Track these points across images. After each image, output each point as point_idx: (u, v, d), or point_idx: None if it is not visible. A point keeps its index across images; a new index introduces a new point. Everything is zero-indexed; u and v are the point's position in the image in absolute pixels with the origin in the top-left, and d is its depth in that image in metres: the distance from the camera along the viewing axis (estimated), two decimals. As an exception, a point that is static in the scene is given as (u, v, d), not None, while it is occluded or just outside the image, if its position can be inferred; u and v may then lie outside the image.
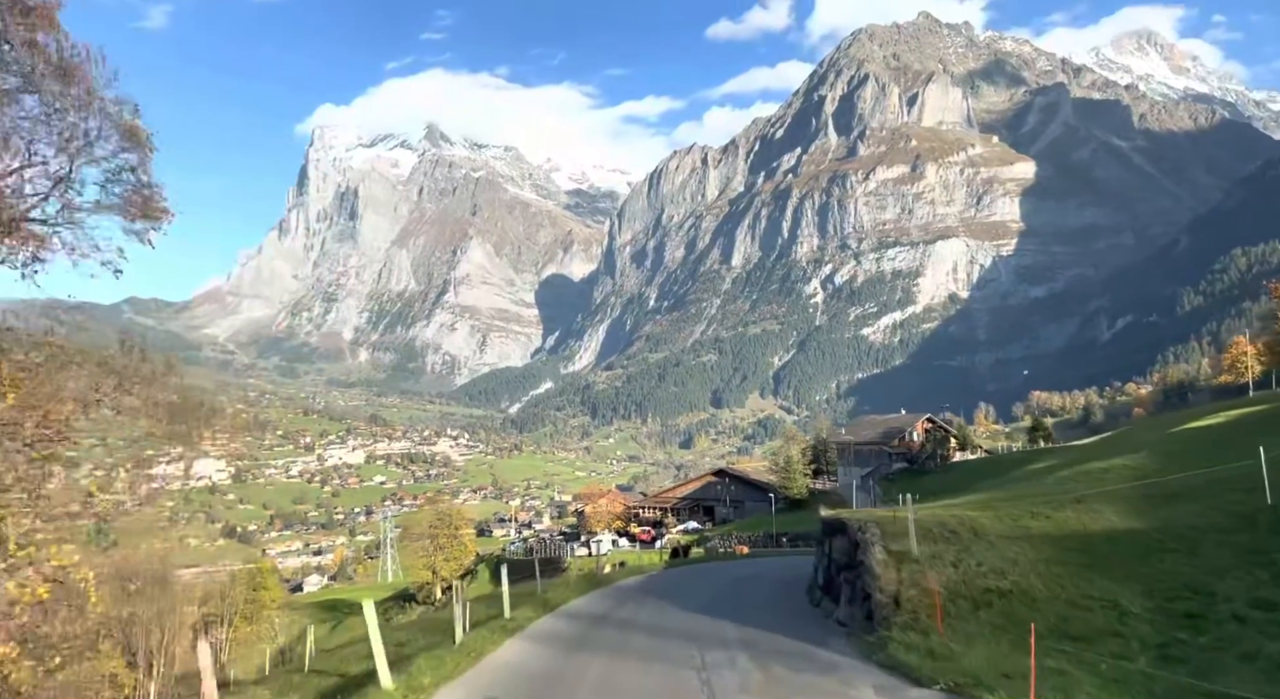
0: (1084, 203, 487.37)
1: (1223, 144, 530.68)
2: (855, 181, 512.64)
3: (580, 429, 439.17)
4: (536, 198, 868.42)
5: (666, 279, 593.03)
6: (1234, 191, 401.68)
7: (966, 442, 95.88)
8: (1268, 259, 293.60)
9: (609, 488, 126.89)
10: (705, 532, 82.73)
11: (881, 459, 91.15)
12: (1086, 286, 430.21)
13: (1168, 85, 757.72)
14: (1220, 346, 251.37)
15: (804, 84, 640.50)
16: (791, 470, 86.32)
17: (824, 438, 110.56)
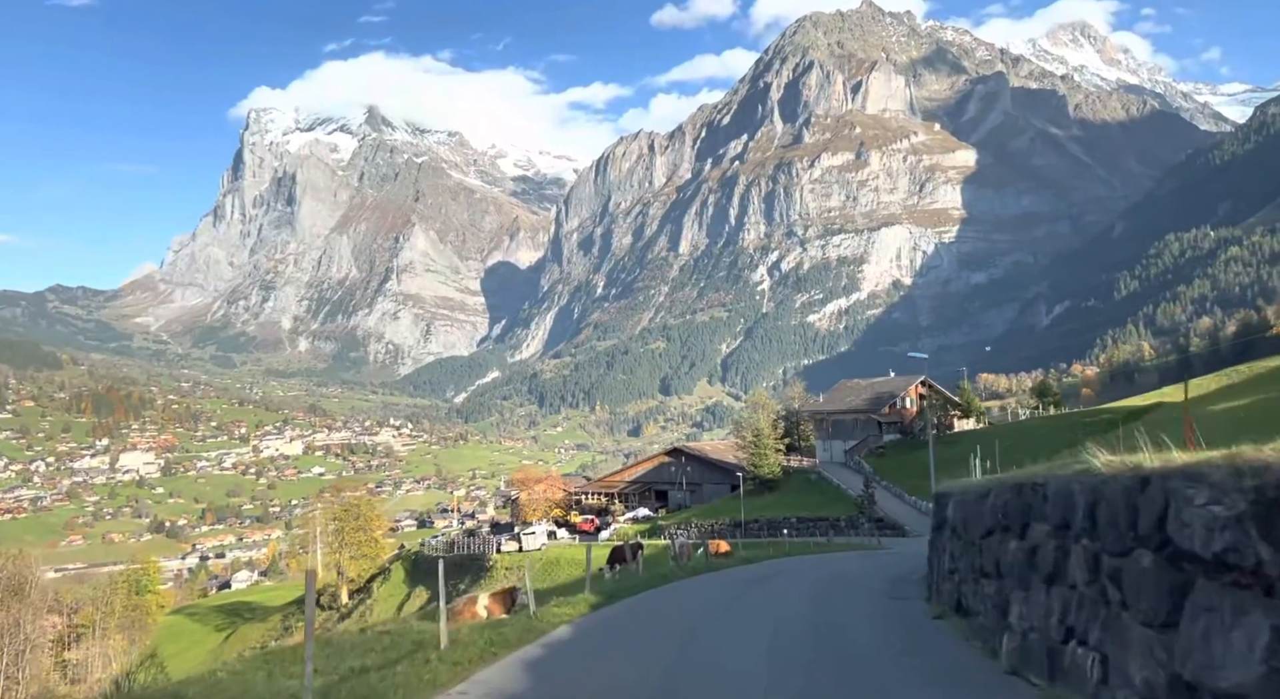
0: (1022, 190, 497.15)
1: (1153, 134, 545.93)
2: (801, 169, 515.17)
3: (528, 418, 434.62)
4: (482, 184, 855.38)
5: (614, 266, 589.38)
6: (1165, 180, 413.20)
7: (970, 408, 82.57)
8: (1199, 244, 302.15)
9: (548, 472, 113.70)
10: (658, 519, 74.29)
11: (868, 430, 79.53)
12: (1026, 273, 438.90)
13: (1101, 76, 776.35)
14: (1156, 329, 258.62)
15: (750, 71, 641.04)
16: (762, 445, 72.55)
17: (797, 408, 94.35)
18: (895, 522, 53.55)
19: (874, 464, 69.56)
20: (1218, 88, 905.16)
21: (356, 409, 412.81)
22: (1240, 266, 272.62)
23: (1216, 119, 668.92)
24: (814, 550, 40.24)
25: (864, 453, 74.94)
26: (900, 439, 76.17)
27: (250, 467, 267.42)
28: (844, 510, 58.12)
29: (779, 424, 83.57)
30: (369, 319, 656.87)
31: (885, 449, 74.64)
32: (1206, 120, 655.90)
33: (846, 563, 28.99)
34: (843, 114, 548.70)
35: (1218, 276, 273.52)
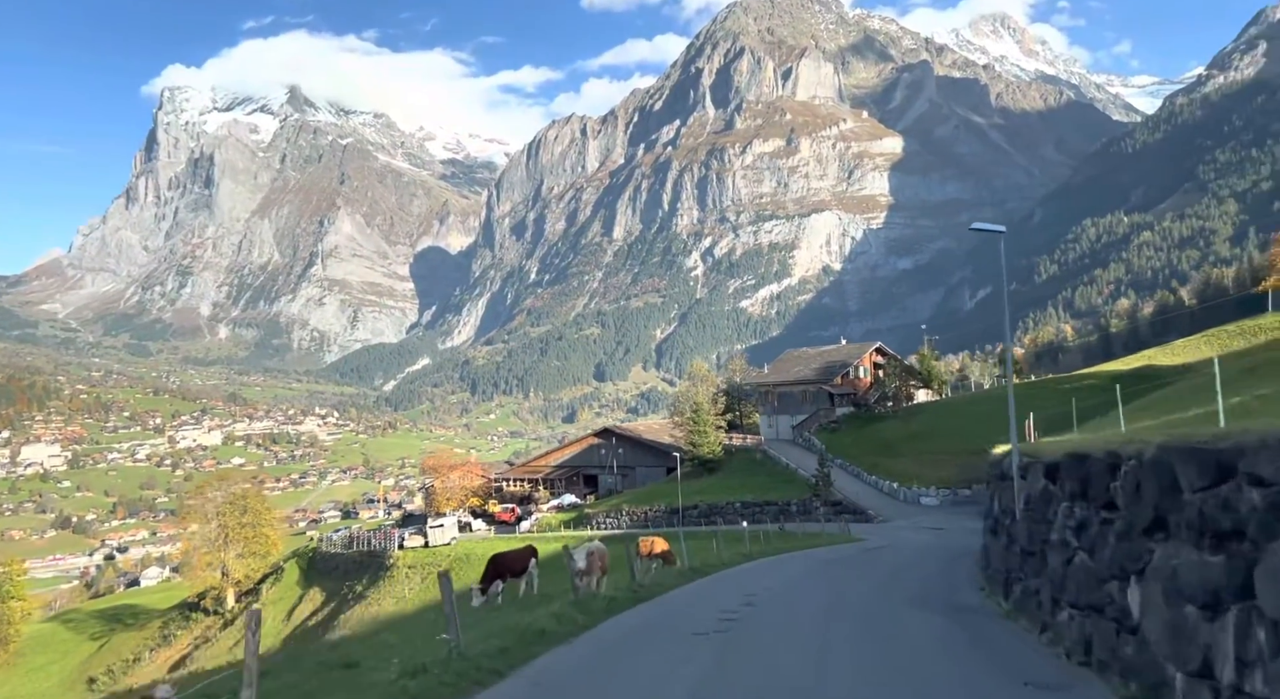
0: (947, 177, 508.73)
1: (1069, 123, 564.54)
2: (733, 155, 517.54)
3: (460, 405, 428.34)
4: (409, 167, 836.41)
5: (548, 252, 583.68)
6: (1081, 168, 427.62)
7: (931, 377, 75.70)
8: (1114, 230, 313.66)
9: (465, 457, 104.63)
10: (585, 507, 69.66)
11: (819, 403, 72.65)
12: (950, 258, 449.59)
13: (1020, 67, 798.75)
14: (1075, 312, 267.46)
15: (681, 56, 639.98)
16: (701, 421, 66.01)
17: (738, 382, 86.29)
18: (856, 505, 49.04)
19: (826, 440, 63.80)
20: (1128, 80, 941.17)
21: (280, 398, 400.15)
22: (1152, 251, 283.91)
23: (1128, 110, 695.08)
24: (780, 545, 33.57)
25: (814, 428, 68.96)
26: (855, 412, 69.44)
27: (165, 458, 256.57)
28: (795, 493, 53.40)
29: (719, 399, 77.86)
30: (293, 305, 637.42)
31: (839, 423, 68.01)
32: (1118, 111, 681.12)
33: (847, 575, 20.58)
34: (773, 100, 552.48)
35: (1131, 261, 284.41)
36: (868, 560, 23.81)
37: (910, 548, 27.88)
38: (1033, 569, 11.01)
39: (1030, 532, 10.95)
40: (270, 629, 53.49)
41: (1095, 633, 8.38)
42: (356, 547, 62.34)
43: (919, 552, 25.81)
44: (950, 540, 30.20)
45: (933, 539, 31.87)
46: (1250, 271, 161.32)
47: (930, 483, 48.48)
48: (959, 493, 46.94)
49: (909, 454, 54.04)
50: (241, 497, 63.13)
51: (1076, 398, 50.04)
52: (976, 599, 14.20)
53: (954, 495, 47.05)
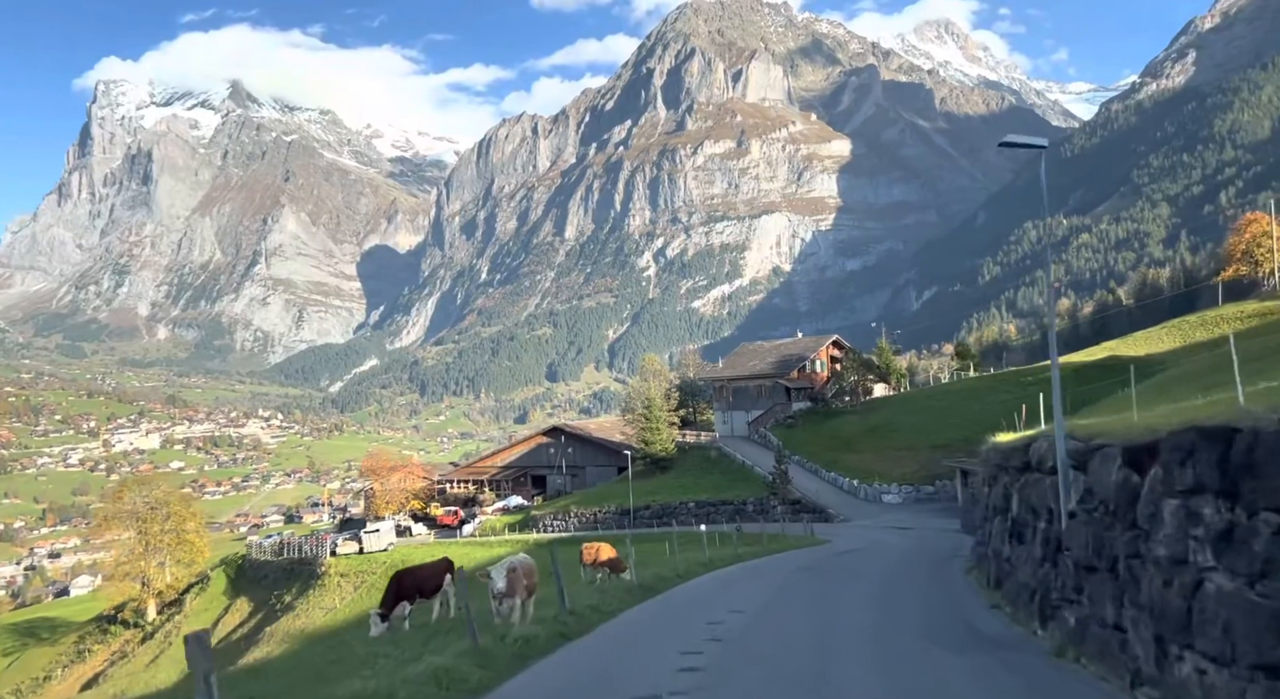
0: (894, 180, 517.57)
1: (1011, 127, 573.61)
2: (685, 155, 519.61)
3: (409, 407, 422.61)
4: (357, 165, 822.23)
5: (499, 251, 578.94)
6: (1022, 171, 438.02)
7: (889, 371, 72.89)
8: (1054, 231, 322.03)
9: (406, 458, 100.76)
10: (532, 508, 67.18)
11: (775, 397, 70.06)
12: (897, 260, 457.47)
13: (963, 72, 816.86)
14: (1017, 311, 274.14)
15: (632, 56, 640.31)
16: (653, 418, 63.50)
17: (692, 377, 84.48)
18: (816, 503, 47.09)
19: (783, 436, 61.35)
20: (1066, 86, 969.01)
21: (222, 400, 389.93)
22: (1090, 252, 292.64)
23: (1066, 115, 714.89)
24: (741, 550, 29.78)
25: (771, 424, 66.84)
26: (812, 407, 66.97)
27: (100, 463, 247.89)
28: (752, 491, 51.42)
29: (673, 394, 76.01)
30: (235, 305, 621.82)
31: (795, 419, 65.70)
32: (1057, 116, 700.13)
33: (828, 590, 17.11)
34: (724, 102, 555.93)
35: (1071, 262, 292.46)
36: (845, 569, 20.89)
37: (884, 552, 25.77)
38: (1102, 593, 8.06)
39: (1096, 540, 8.12)
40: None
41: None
42: (287, 554, 58.84)
43: (897, 557, 23.84)
44: (923, 542, 28.83)
45: (904, 541, 30.31)
46: (1184, 272, 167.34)
47: (891, 480, 47.39)
48: (921, 490, 46.09)
49: (869, 450, 52.77)
50: (164, 501, 59.32)
51: (1040, 388, 50.34)
52: (1000, 625, 11.65)
53: (916, 493, 46.09)
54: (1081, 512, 8.75)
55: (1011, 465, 11.74)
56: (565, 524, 58.39)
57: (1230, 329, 47.48)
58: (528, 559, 15.29)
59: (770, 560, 25.37)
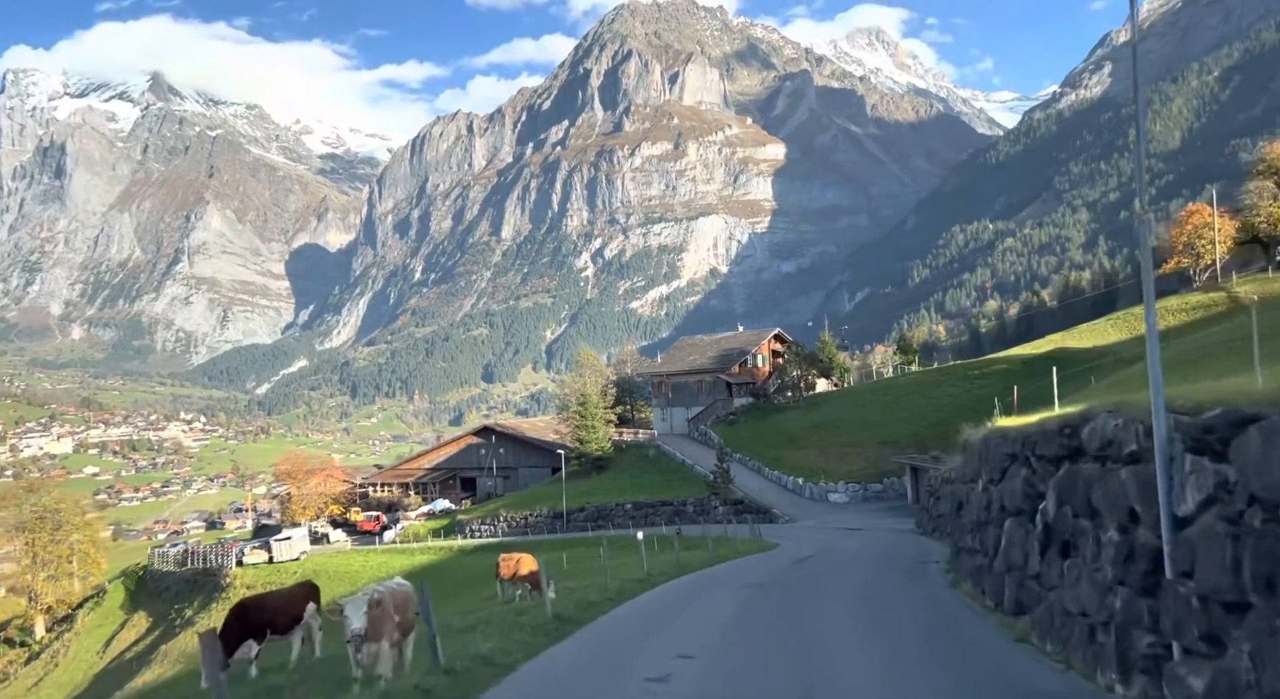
0: (827, 184, 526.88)
1: (938, 135, 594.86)
2: (622, 157, 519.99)
3: (339, 409, 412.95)
4: (285, 161, 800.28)
5: (433, 250, 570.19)
6: (950, 177, 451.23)
7: (833, 366, 69.29)
8: (980, 236, 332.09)
9: (326, 460, 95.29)
10: (459, 513, 64.08)
11: (716, 393, 67.47)
12: (830, 262, 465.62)
13: (893, 79, 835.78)
14: (946, 313, 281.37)
15: (569, 56, 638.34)
16: (589, 415, 60.58)
17: (630, 374, 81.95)
18: (759, 503, 44.72)
19: (724, 434, 58.97)
20: (991, 95, 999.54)
21: (141, 402, 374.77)
22: (1014, 256, 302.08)
23: (991, 123, 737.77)
24: (685, 558, 25.49)
25: (711, 421, 64.24)
26: (754, 403, 64.59)
27: (7, 468, 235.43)
28: (692, 491, 49.13)
29: (609, 391, 73.39)
30: (156, 304, 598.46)
31: (737, 415, 63.27)
32: (983, 124, 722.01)
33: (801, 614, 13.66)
34: (661, 104, 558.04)
35: (996, 265, 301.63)
36: (809, 585, 17.18)
37: (844, 559, 23.06)
38: (1273, 648, 5.05)
39: (1257, 561, 5.21)
40: (83, 663, 47.62)
41: None
42: (191, 564, 54.79)
43: (862, 565, 20.94)
44: (882, 546, 26.74)
45: (860, 545, 27.93)
46: (1104, 275, 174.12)
47: (838, 478, 45.62)
48: (869, 488, 44.64)
49: (813, 447, 50.95)
50: (53, 510, 55.22)
51: (987, 382, 49.17)
52: (1046, 673, 8.39)
53: (864, 491, 44.62)
54: (1216, 518, 5.67)
55: (1040, 454, 9.02)
56: (494, 529, 56.10)
57: (1176, 320, 48.62)
58: (402, 586, 11.26)
59: (718, 571, 21.66)
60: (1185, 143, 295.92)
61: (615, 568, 22.60)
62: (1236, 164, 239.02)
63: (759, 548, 28.76)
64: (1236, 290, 50.94)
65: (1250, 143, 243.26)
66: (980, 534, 12.85)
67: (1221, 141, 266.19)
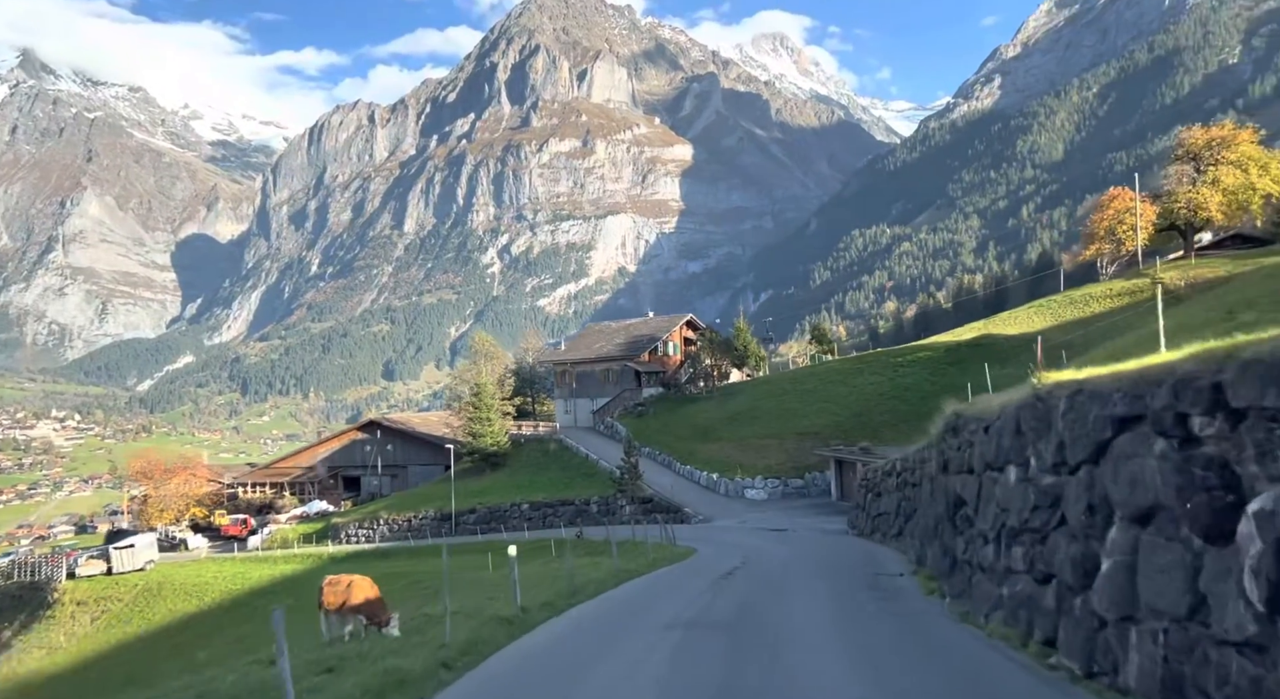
0: (732, 186, 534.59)
1: (839, 140, 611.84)
2: (529, 152, 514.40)
3: (229, 407, 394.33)
4: (172, 147, 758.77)
5: (331, 243, 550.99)
6: (850, 182, 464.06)
7: (747, 354, 64.94)
8: (878, 240, 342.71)
9: (192, 458, 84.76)
10: (336, 515, 59.42)
11: (624, 383, 63.79)
12: (735, 263, 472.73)
13: (797, 85, 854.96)
14: (846, 314, 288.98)
15: (476, 48, 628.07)
16: (483, 406, 55.87)
17: (531, 363, 77.38)
18: (670, 501, 41.80)
19: (632, 426, 55.56)
20: (889, 104, 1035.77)
21: (8, 399, 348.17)
22: (911, 260, 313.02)
23: (889, 131, 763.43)
24: (585, 573, 19.93)
25: (619, 413, 60.99)
26: (664, 393, 60.96)
27: None
28: (597, 489, 45.79)
29: (508, 381, 69.48)
30: (26, 295, 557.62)
31: (646, 406, 59.81)
32: (881, 132, 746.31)
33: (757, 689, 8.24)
34: (569, 101, 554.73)
35: (894, 268, 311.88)
36: (754, 621, 11.90)
37: (780, 570, 18.40)
38: None
39: None
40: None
41: None
42: (18, 576, 47.49)
43: (809, 582, 15.91)
44: (819, 550, 22.72)
45: (792, 549, 23.65)
46: (994, 278, 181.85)
47: (755, 472, 42.80)
48: (789, 484, 42.02)
49: (729, 439, 48.17)
50: None
51: (911, 370, 48.49)
52: None
53: (784, 487, 41.92)
54: None
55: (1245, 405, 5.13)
56: (372, 533, 51.43)
57: (1102, 306, 49.27)
58: None
59: (623, 596, 16.02)
60: (1067, 155, 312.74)
61: (493, 585, 20.33)
62: (1113, 176, 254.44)
63: (672, 556, 23.72)
64: (1161, 276, 51.71)
65: (1125, 156, 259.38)
66: (1035, 549, 8.28)
67: (1099, 155, 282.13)
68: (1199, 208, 52.95)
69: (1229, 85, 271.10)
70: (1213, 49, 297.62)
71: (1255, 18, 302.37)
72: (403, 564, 37.62)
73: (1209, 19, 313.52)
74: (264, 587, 39.83)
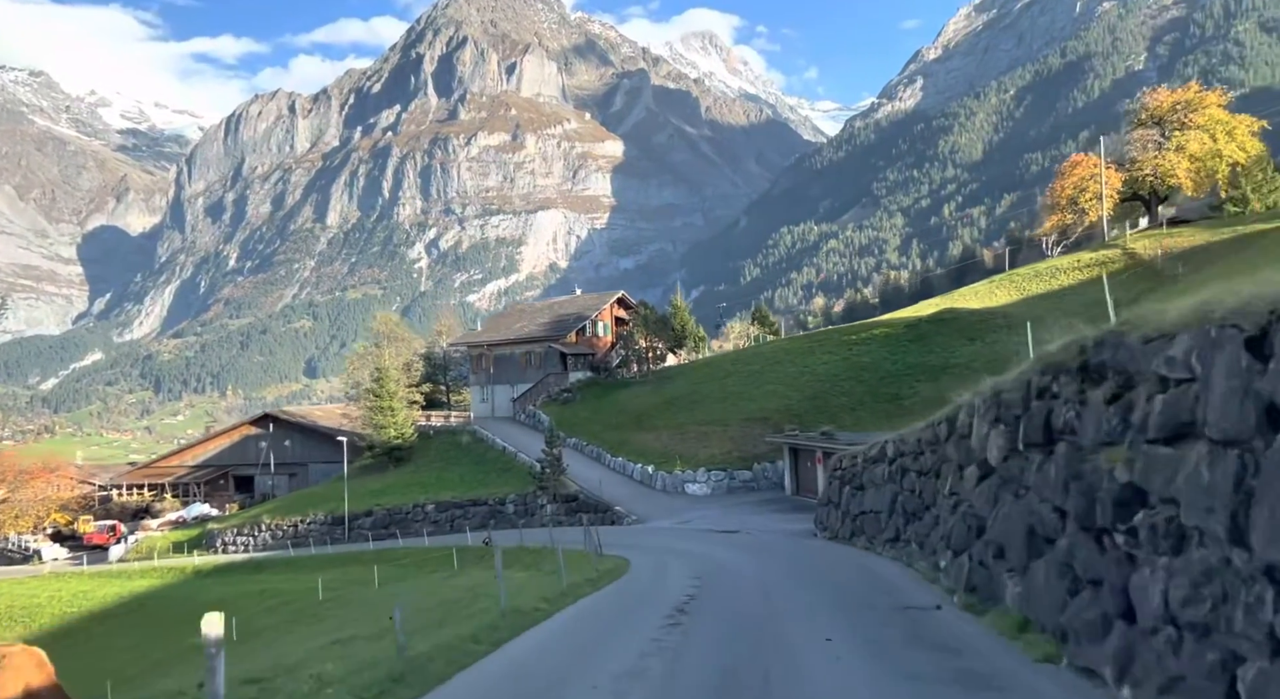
0: (664, 183, 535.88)
1: (768, 139, 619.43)
2: (458, 146, 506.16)
3: (140, 406, 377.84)
4: (77, 135, 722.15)
5: (250, 236, 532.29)
6: (779, 180, 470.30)
7: (685, 335, 59.13)
8: (806, 237, 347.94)
9: (50, 458, 71.86)
10: (218, 520, 54.07)
11: (549, 366, 58.41)
12: (667, 260, 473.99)
13: (726, 84, 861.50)
14: (775, 311, 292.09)
15: (401, 39, 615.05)
16: (385, 395, 50.15)
17: (445, 348, 70.45)
18: (599, 499, 37.61)
19: (557, 414, 50.79)
20: (815, 104, 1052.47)
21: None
22: (838, 257, 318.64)
23: (815, 131, 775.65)
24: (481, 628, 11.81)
25: (542, 400, 55.65)
26: (593, 378, 56.23)
27: None
28: (514, 486, 41.39)
29: (416, 366, 63.99)
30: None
31: (573, 392, 54.69)
32: (808, 131, 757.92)
33: None
34: (498, 94, 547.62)
35: (821, 265, 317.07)
36: None
37: (753, 598, 13.26)
38: None
39: None
40: None
41: None
42: None
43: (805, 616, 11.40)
44: (793, 563, 17.70)
45: (761, 564, 17.71)
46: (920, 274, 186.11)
47: (697, 464, 38.46)
48: (736, 476, 37.81)
49: (666, 428, 43.59)
50: None
51: (868, 348, 45.85)
52: None
53: (729, 479, 37.74)
54: None
55: None
56: (253, 541, 46.55)
57: (1070, 280, 47.54)
58: None
59: (529, 661, 9.92)
60: (986, 155, 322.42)
61: (373, 607, 15.21)
62: (1030, 176, 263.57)
63: (600, 575, 17.53)
64: (1132, 246, 48.54)
65: (1041, 157, 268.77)
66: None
67: (1017, 155, 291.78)
68: (1166, 175, 49.60)
69: (1135, 90, 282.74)
70: (1120, 55, 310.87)
71: (1159, 26, 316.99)
72: (277, 578, 33.93)
73: (1117, 26, 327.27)
74: (108, 609, 34.97)
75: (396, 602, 10.48)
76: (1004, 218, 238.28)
